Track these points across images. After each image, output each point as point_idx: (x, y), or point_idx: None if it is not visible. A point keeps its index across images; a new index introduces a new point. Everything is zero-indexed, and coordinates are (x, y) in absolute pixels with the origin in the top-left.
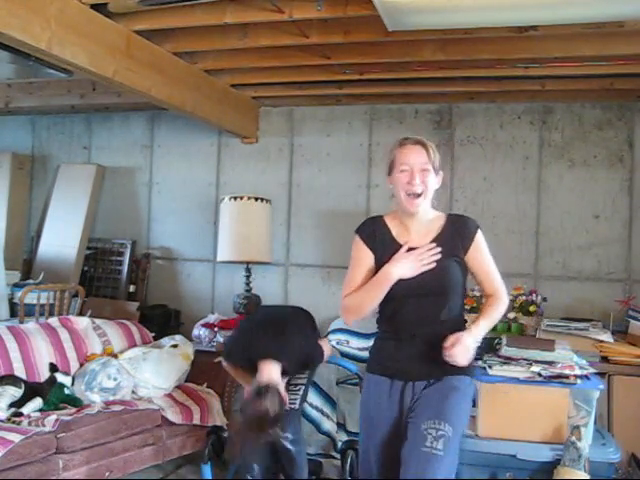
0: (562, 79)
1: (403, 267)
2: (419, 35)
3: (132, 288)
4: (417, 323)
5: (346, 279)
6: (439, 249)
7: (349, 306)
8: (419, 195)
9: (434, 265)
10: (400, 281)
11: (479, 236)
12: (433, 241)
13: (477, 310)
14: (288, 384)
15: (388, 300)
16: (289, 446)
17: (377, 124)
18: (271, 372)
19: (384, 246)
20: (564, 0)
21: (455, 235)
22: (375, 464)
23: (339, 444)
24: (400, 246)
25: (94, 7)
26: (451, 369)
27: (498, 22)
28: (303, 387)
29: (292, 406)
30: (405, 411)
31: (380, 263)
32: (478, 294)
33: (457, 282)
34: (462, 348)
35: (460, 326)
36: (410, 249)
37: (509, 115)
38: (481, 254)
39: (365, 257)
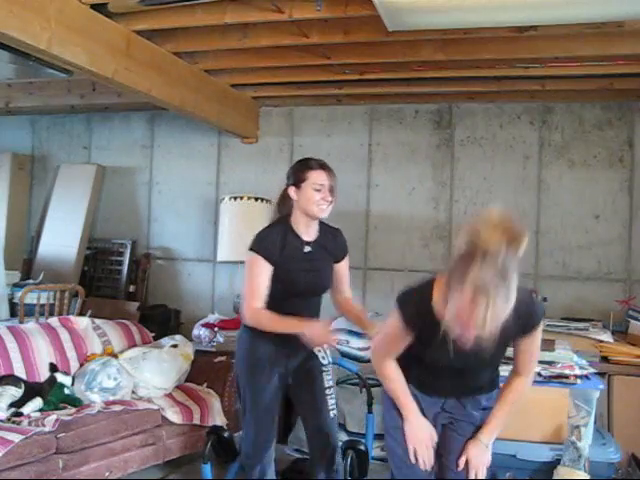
0: (562, 79)
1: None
2: (419, 35)
3: (132, 288)
4: (450, 386)
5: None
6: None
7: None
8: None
9: (488, 359)
10: (441, 361)
11: (539, 329)
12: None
13: None
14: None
15: (422, 364)
16: None
17: (377, 124)
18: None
19: (430, 331)
20: (564, 0)
21: (517, 325)
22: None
23: (339, 444)
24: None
25: (94, 7)
26: (481, 390)
27: (498, 22)
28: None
29: (334, 412)
30: (432, 419)
31: (423, 341)
32: None
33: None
34: (475, 471)
35: (494, 377)
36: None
37: (509, 115)
38: (533, 343)
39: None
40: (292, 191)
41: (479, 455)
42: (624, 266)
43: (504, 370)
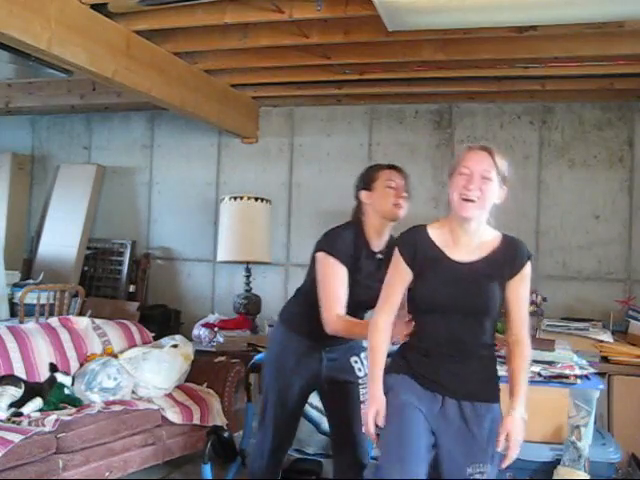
0: (562, 79)
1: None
2: (419, 35)
3: (132, 288)
4: (448, 341)
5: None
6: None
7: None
8: (473, 201)
9: (479, 285)
10: (437, 294)
11: (528, 267)
12: (482, 260)
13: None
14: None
15: (420, 312)
16: None
17: (377, 124)
18: None
19: (426, 258)
20: (564, 0)
21: (505, 259)
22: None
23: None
24: (445, 257)
25: (94, 7)
26: (481, 393)
27: (498, 22)
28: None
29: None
30: (431, 421)
31: (418, 274)
32: None
33: (497, 306)
34: (516, 446)
35: (490, 351)
36: (456, 263)
37: (509, 115)
38: (523, 288)
39: (403, 272)
40: (364, 195)
41: (518, 428)
42: (624, 266)
43: (503, 370)
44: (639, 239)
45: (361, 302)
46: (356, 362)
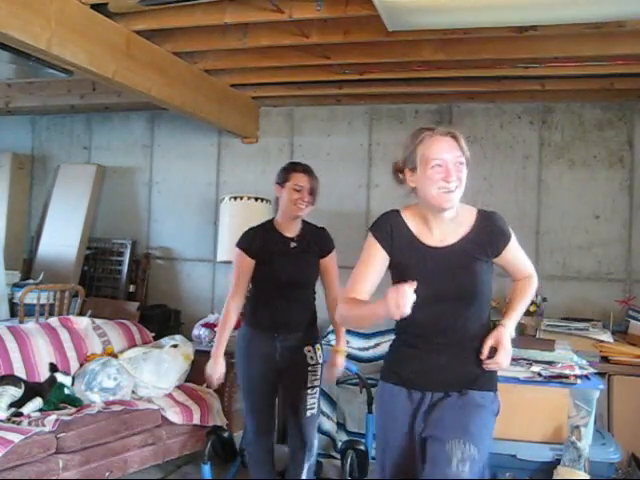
0: (562, 79)
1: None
2: (419, 35)
3: (132, 288)
4: (436, 329)
5: (353, 273)
6: (467, 248)
7: (341, 314)
8: (453, 191)
9: (460, 267)
10: (418, 284)
11: (510, 234)
12: (461, 241)
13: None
14: (306, 388)
15: (406, 328)
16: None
17: (377, 124)
18: None
19: (402, 246)
20: (564, 0)
21: (485, 236)
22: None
23: (339, 444)
24: (423, 246)
25: (94, 7)
26: (473, 382)
27: (498, 22)
28: (318, 389)
29: (312, 411)
30: (419, 422)
31: (398, 265)
32: None
33: (486, 285)
34: (505, 352)
35: (486, 333)
36: (434, 249)
37: (509, 115)
38: (513, 252)
39: (378, 256)
40: (277, 189)
41: (507, 339)
42: (624, 266)
43: (501, 370)
44: (639, 239)
45: (286, 279)
46: (309, 351)
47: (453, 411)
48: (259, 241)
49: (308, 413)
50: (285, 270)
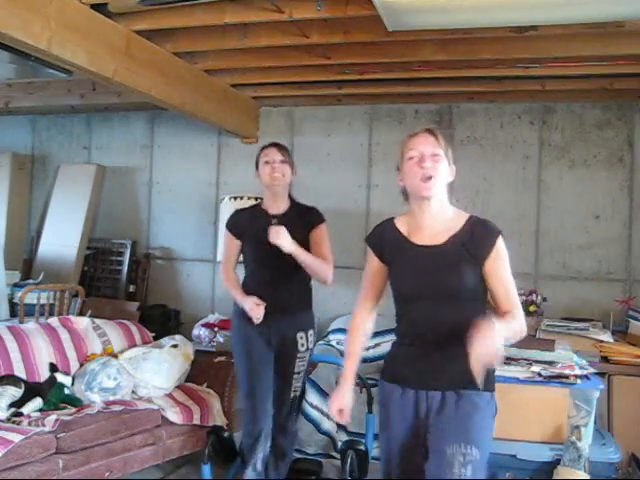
0: (562, 79)
1: None
2: (419, 35)
3: (132, 288)
4: (430, 328)
5: (360, 286)
6: (452, 250)
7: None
8: (431, 177)
9: (448, 265)
10: (409, 281)
11: (500, 243)
12: (448, 241)
13: None
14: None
15: (400, 301)
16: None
17: (377, 124)
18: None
19: (392, 248)
20: (564, 0)
21: (474, 238)
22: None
23: (339, 444)
24: (413, 245)
25: (94, 7)
26: (469, 382)
27: (498, 22)
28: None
29: (295, 394)
30: (422, 420)
31: (390, 266)
32: None
33: (473, 287)
34: (483, 339)
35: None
36: (423, 248)
37: (509, 115)
38: (500, 264)
39: (374, 264)
40: (256, 175)
41: (485, 326)
42: (624, 266)
43: (501, 370)
44: (639, 239)
45: (271, 253)
46: (301, 338)
47: (451, 413)
48: (244, 221)
49: (291, 395)
50: (263, 245)
